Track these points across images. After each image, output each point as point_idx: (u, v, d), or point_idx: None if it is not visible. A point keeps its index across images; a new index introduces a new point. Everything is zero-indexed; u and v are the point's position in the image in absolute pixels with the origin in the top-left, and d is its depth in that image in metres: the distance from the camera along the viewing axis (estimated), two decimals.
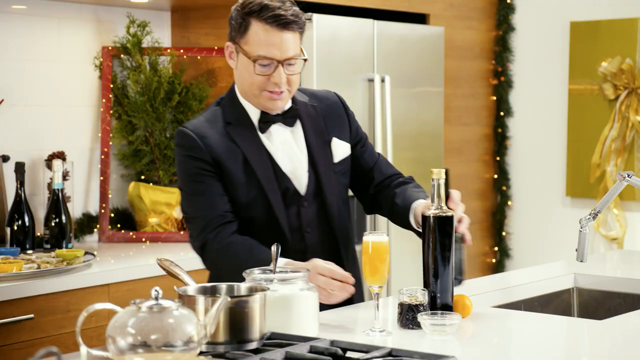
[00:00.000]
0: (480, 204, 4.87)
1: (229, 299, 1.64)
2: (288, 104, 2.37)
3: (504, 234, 4.92)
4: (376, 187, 2.49)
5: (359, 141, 2.50)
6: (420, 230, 2.17)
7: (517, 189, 4.96)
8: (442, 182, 2.11)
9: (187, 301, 1.68)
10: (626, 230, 4.59)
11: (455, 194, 2.22)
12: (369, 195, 2.50)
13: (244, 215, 2.31)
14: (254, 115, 2.34)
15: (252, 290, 1.78)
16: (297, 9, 2.30)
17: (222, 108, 2.37)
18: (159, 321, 1.47)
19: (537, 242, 4.90)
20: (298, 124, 2.38)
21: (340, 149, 2.43)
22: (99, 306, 1.51)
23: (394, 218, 2.43)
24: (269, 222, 2.31)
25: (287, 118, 2.36)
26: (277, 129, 2.35)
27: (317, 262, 2.13)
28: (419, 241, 2.14)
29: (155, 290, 1.50)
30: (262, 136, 2.34)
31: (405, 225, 2.37)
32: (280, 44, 2.25)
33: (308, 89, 2.50)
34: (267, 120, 2.33)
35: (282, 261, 2.16)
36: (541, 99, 4.89)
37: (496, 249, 4.92)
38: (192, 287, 1.78)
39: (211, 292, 1.77)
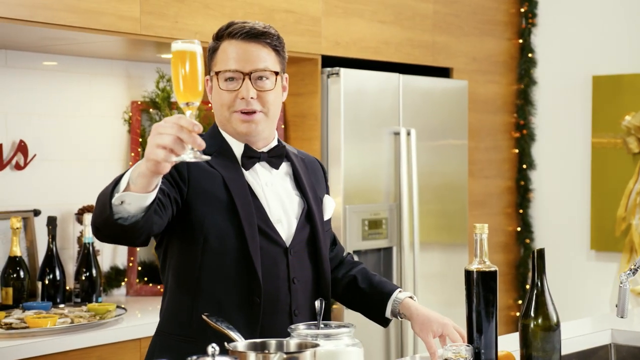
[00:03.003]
0: (504, 256, 4.85)
1: (284, 355, 1.63)
2: (273, 142, 2.20)
3: (527, 287, 4.90)
4: (332, 260, 2.37)
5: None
6: (393, 318, 2.29)
7: (540, 242, 4.95)
8: (485, 236, 2.11)
9: (238, 358, 1.68)
10: None
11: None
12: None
13: (212, 240, 2.09)
14: (237, 148, 2.16)
15: (301, 347, 1.78)
16: (270, 26, 2.18)
17: (207, 137, 2.13)
18: None
19: (562, 296, 4.86)
20: (284, 171, 2.22)
21: (329, 208, 2.31)
22: None
23: (347, 299, 2.37)
24: (242, 259, 2.10)
25: (272, 157, 2.18)
26: (261, 170, 2.18)
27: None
28: (444, 294, 2.13)
29: (212, 347, 1.50)
30: (246, 173, 2.16)
31: (367, 309, 2.34)
32: (245, 55, 2.10)
33: (293, 147, 2.35)
34: (251, 155, 2.15)
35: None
36: (564, 152, 4.90)
37: (520, 302, 4.89)
38: (241, 343, 1.77)
39: (261, 348, 1.77)
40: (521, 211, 4.92)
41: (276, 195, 2.18)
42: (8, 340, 2.74)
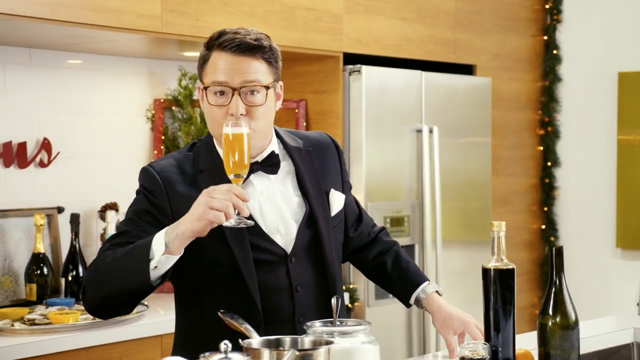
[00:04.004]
0: (528, 255, 4.82)
1: (296, 352, 1.63)
2: (268, 149, 2.12)
3: None
4: (355, 240, 2.32)
5: (347, 192, 2.28)
6: (420, 308, 2.28)
7: (565, 240, 4.91)
8: (502, 234, 2.10)
9: (252, 355, 1.68)
10: None
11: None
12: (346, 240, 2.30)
13: (205, 274, 2.07)
14: None
15: (316, 344, 1.78)
16: (262, 36, 2.07)
17: (195, 154, 2.12)
18: None
19: (587, 295, 4.83)
20: (285, 171, 2.15)
21: (337, 201, 2.21)
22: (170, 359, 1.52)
23: (377, 280, 2.37)
24: (236, 284, 2.05)
25: (267, 166, 2.11)
26: (257, 180, 2.11)
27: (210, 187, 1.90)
28: (467, 292, 2.13)
29: (225, 344, 1.50)
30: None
31: (396, 294, 2.33)
32: (234, 69, 2.02)
33: (300, 132, 2.27)
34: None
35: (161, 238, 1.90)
36: (589, 149, 4.86)
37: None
38: (256, 340, 1.78)
39: (275, 346, 1.77)
40: (546, 209, 4.89)
41: (273, 203, 2.11)
42: (31, 336, 2.77)
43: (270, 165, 2.11)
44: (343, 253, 2.31)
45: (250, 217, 2.06)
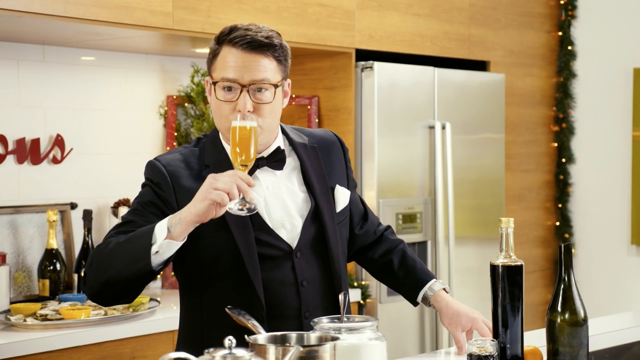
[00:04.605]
0: (542, 251, 4.80)
1: (301, 348, 1.64)
2: (274, 145, 2.14)
3: None
4: (361, 238, 2.33)
5: (352, 190, 2.29)
6: (427, 306, 2.28)
7: (580, 237, 4.89)
8: (511, 231, 2.08)
9: (257, 350, 1.69)
10: None
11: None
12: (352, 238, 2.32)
13: (210, 267, 2.08)
14: None
15: (322, 340, 1.78)
16: (273, 33, 2.08)
17: (200, 150, 2.13)
18: None
19: (601, 291, 4.81)
20: (291, 167, 2.16)
21: (342, 197, 2.21)
22: (173, 355, 1.52)
23: (384, 279, 2.36)
24: (240, 279, 2.06)
25: (273, 162, 2.12)
26: (262, 175, 2.12)
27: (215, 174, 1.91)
28: (480, 289, 2.12)
29: (229, 340, 1.51)
30: None
31: (403, 293, 2.33)
32: (244, 66, 2.02)
33: (305, 129, 2.28)
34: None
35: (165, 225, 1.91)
36: (604, 146, 4.83)
37: None
38: (262, 336, 1.78)
39: (281, 342, 1.77)
40: (560, 205, 4.86)
41: (278, 198, 2.12)
42: (43, 331, 2.79)
43: (275, 160, 2.12)
44: (349, 252, 2.31)
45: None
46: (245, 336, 1.74)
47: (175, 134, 3.77)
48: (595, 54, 4.85)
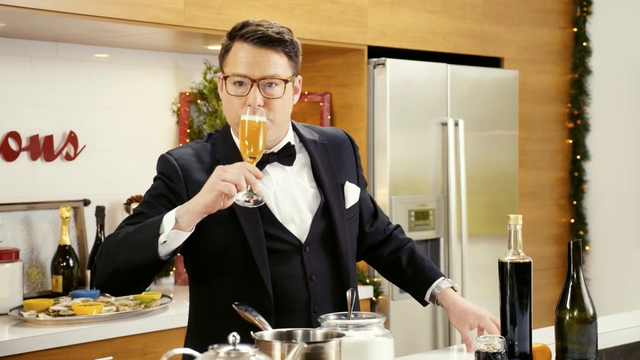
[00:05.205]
0: (556, 249, 4.78)
1: (305, 345, 1.64)
2: (284, 140, 2.16)
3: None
4: (371, 236, 2.34)
5: (362, 188, 2.31)
6: (436, 305, 2.28)
7: (595, 234, 4.86)
8: (519, 227, 2.08)
9: (263, 347, 1.69)
10: None
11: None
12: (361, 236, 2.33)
13: (219, 259, 2.10)
14: None
15: (327, 336, 1.78)
16: (284, 29, 2.10)
17: (212, 145, 2.15)
18: None
19: (617, 289, 4.78)
20: (301, 163, 2.18)
21: (352, 194, 2.23)
22: (177, 351, 1.53)
23: (392, 278, 2.37)
24: (249, 272, 2.08)
25: (283, 157, 2.14)
26: (272, 170, 2.14)
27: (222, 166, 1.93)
28: (493, 286, 2.11)
29: (233, 336, 1.51)
30: None
31: (411, 291, 2.33)
32: (255, 61, 2.05)
33: (316, 127, 2.29)
34: (260, 159, 2.07)
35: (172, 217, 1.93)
36: (619, 143, 4.80)
37: None
38: (268, 333, 1.78)
39: (287, 338, 1.77)
40: (575, 203, 4.84)
41: (288, 193, 2.14)
42: (55, 327, 2.80)
43: (286, 156, 2.14)
44: (358, 250, 2.32)
45: (264, 204, 2.05)
46: (251, 332, 1.75)
47: (188, 130, 3.78)
48: (610, 50, 4.82)
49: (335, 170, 2.21)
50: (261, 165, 2.10)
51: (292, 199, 2.14)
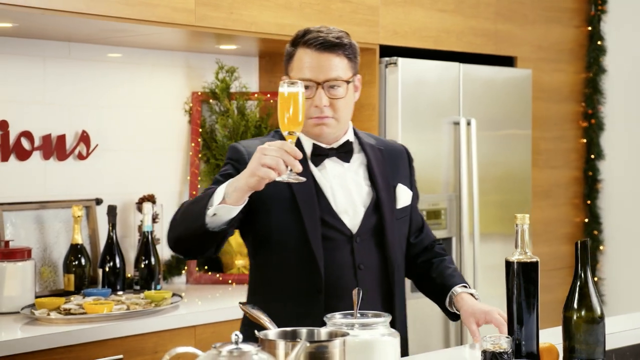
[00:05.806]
0: (570, 248, 4.76)
1: (308, 344, 1.64)
2: (344, 138, 2.34)
3: (596, 279, 4.80)
4: (415, 247, 2.48)
5: (414, 201, 2.48)
6: (454, 311, 2.35)
7: (609, 234, 4.84)
8: (527, 227, 2.07)
9: (267, 345, 1.69)
10: None
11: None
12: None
13: (277, 237, 2.28)
14: (307, 147, 2.32)
15: (332, 335, 1.78)
16: (343, 34, 2.31)
17: (276, 138, 2.33)
18: None
19: (631, 288, 4.75)
20: (358, 162, 2.36)
21: (404, 196, 2.40)
22: (180, 350, 1.53)
23: (421, 285, 2.49)
24: (304, 251, 2.25)
25: (342, 152, 2.33)
26: (331, 164, 2.33)
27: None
28: (505, 286, 2.11)
29: (236, 335, 1.52)
30: (315, 169, 2.31)
31: (433, 298, 2.44)
32: (319, 66, 2.25)
33: (377, 136, 2.50)
34: (319, 153, 2.31)
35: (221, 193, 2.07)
36: (634, 142, 4.78)
37: None
38: (272, 332, 1.79)
39: (291, 337, 1.78)
40: (589, 202, 4.82)
41: (344, 187, 2.31)
42: (66, 325, 2.82)
43: (344, 152, 2.32)
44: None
45: (320, 191, 2.27)
46: (255, 331, 1.76)
47: (200, 130, 3.79)
48: (625, 49, 4.79)
49: (389, 173, 2.38)
50: (320, 158, 2.30)
51: (347, 192, 2.31)
